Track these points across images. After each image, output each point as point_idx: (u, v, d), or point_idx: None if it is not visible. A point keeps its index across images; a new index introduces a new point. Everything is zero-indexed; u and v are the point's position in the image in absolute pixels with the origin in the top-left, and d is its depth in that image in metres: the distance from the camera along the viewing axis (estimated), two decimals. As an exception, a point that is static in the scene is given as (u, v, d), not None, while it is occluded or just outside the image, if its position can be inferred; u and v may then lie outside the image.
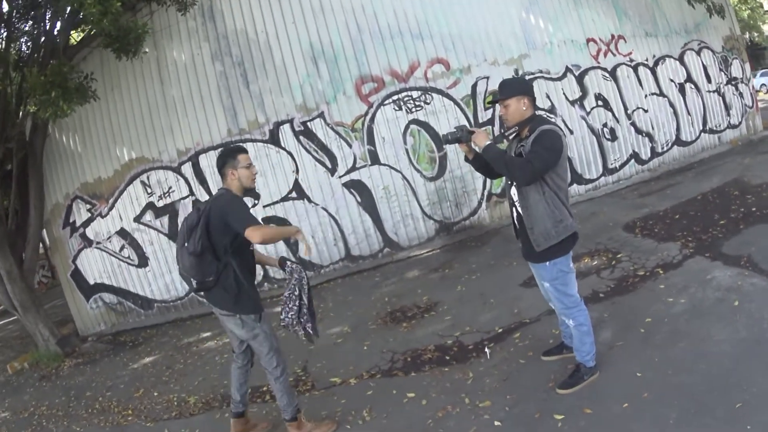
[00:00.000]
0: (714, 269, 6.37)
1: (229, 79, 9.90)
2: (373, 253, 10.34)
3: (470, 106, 10.58)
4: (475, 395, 4.75)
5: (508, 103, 4.20)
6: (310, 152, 10.03)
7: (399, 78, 10.25)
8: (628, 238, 8.34)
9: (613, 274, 6.98)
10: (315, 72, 10.00)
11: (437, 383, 5.14)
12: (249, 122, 9.94)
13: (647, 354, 4.82)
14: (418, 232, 10.53)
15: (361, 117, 10.07)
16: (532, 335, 5.72)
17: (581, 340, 4.50)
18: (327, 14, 10.01)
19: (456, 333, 6.22)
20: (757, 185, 9.71)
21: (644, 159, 12.22)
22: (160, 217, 10.19)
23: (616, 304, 6.07)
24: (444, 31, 10.47)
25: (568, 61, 11.38)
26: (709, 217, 8.39)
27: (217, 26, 9.91)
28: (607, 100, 11.70)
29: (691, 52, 13.12)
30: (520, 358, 5.28)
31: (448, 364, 5.53)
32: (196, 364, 7.23)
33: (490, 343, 5.73)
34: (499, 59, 10.74)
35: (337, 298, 8.82)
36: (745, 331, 4.85)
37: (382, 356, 6.01)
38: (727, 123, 13.69)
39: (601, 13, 11.95)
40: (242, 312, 4.34)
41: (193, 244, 4.15)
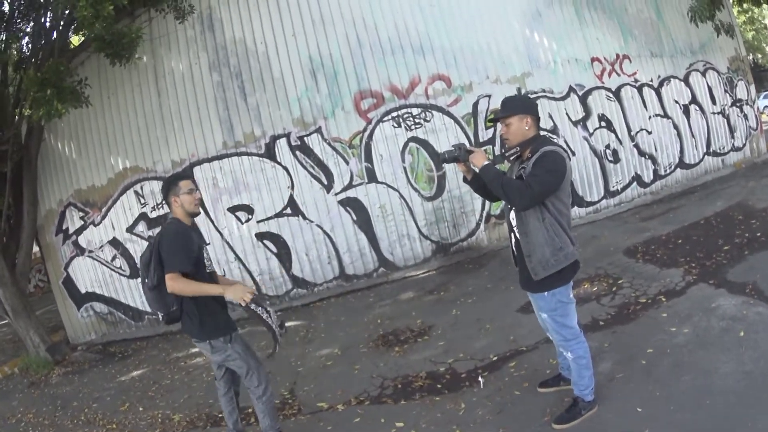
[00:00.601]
0: (718, 297, 6.33)
1: (227, 90, 9.99)
2: (368, 272, 10.38)
3: (471, 125, 10.65)
4: (466, 427, 4.68)
5: (509, 121, 4.10)
6: (306, 168, 10.10)
7: (399, 94, 10.33)
8: (630, 263, 8.31)
9: (613, 300, 6.94)
10: (314, 86, 10.10)
11: (428, 413, 5.07)
12: (245, 135, 10.03)
13: (649, 388, 4.74)
14: (414, 253, 10.59)
15: (359, 133, 10.16)
16: (528, 364, 5.65)
17: (580, 374, 4.40)
18: (327, 26, 10.13)
19: (449, 360, 6.16)
20: (762, 209, 9.73)
21: (647, 182, 12.32)
22: (153, 229, 10.15)
23: (617, 333, 6.01)
24: (446, 46, 10.58)
25: (572, 80, 11.51)
26: (712, 243, 8.36)
27: (215, 36, 10.01)
28: (611, 121, 11.83)
29: (696, 73, 13.28)
30: (515, 388, 5.19)
31: (440, 392, 5.45)
32: (183, 380, 7.24)
33: (484, 372, 5.67)
34: (501, 77, 10.86)
35: (329, 318, 8.82)
36: (751, 364, 4.79)
37: (372, 381, 5.95)
38: (731, 145, 13.82)
39: (607, 33, 12.12)
40: (209, 337, 4.42)
41: (150, 279, 4.25)
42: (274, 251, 10.22)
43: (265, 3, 10.10)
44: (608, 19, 12.22)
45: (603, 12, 12.18)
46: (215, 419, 5.79)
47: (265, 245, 10.22)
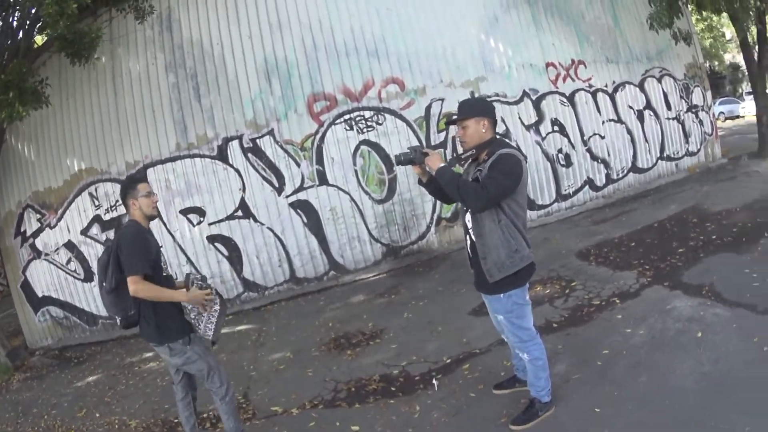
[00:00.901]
0: (674, 299, 6.47)
1: (182, 91, 10.04)
2: (319, 275, 10.48)
3: (423, 129, 10.88)
4: (422, 430, 4.72)
5: (466, 124, 4.12)
6: (258, 170, 10.16)
7: (352, 97, 10.53)
8: (582, 265, 8.47)
9: (567, 303, 7.03)
10: (267, 88, 10.23)
11: (382, 416, 5.08)
12: (198, 137, 10.06)
13: (606, 388, 4.81)
14: (365, 256, 10.73)
15: (311, 136, 10.31)
16: (482, 366, 5.70)
17: (536, 375, 4.44)
18: (284, 29, 10.30)
19: (402, 362, 6.20)
20: (717, 213, 10.05)
21: (599, 185, 12.70)
22: (106, 231, 10.18)
23: (571, 335, 6.08)
24: (401, 49, 10.81)
25: (526, 85, 11.84)
26: (667, 245, 8.60)
27: (173, 36, 10.09)
28: (564, 126, 12.18)
29: (652, 79, 13.71)
30: (469, 390, 5.23)
31: (394, 395, 5.47)
32: (137, 385, 7.20)
33: (437, 374, 5.71)
34: (455, 81, 11.16)
35: (280, 321, 8.87)
36: (709, 365, 4.90)
37: (325, 385, 5.95)
38: (685, 150, 14.27)
39: (563, 39, 12.47)
40: (168, 340, 4.38)
41: (109, 282, 4.26)
42: (225, 254, 10.24)
43: (223, 4, 10.17)
44: (565, 25, 12.56)
45: (560, 18, 12.52)
46: (171, 425, 5.79)
47: (217, 248, 10.24)
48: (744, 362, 4.79)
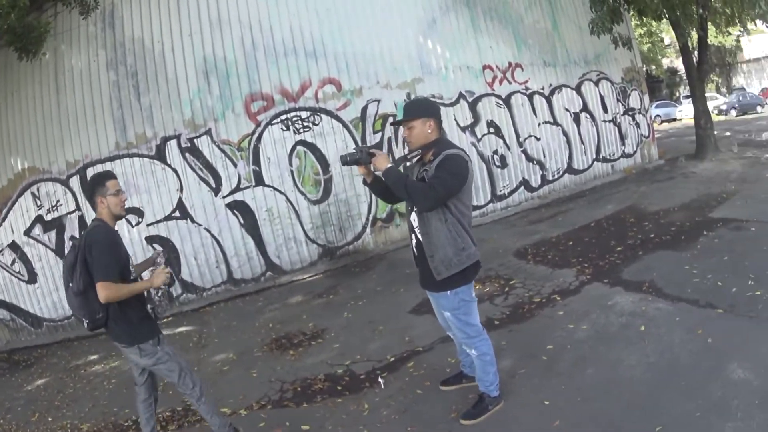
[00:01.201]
0: (615, 295, 6.74)
1: (122, 89, 10.00)
2: (256, 276, 10.58)
3: (359, 129, 11.20)
4: (373, 427, 4.78)
5: (413, 124, 4.21)
6: (195, 170, 10.18)
7: (289, 97, 10.73)
8: (520, 264, 8.74)
9: (507, 301, 7.23)
10: (206, 87, 10.29)
11: (332, 415, 5.13)
12: (137, 136, 10.01)
13: (553, 382, 4.97)
14: (301, 256, 10.90)
15: (248, 136, 10.42)
16: (426, 364, 5.80)
17: (484, 370, 4.57)
18: (224, 27, 10.38)
19: (346, 362, 6.24)
20: (654, 212, 10.54)
21: (534, 186, 13.25)
22: (48, 232, 10.10)
23: (514, 331, 6.23)
24: (339, 50, 11.11)
25: (463, 87, 12.31)
26: (605, 244, 8.95)
27: (115, 33, 10.04)
28: (499, 128, 12.68)
29: (589, 83, 14.34)
30: (416, 388, 5.32)
31: (341, 394, 5.52)
32: (85, 389, 7.12)
33: (383, 373, 5.77)
34: (392, 82, 11.54)
35: (220, 323, 8.84)
36: (655, 356, 5.11)
37: (271, 386, 5.96)
38: (621, 152, 14.94)
39: (501, 42, 12.96)
40: (138, 341, 4.35)
41: (76, 283, 4.15)
42: None
43: (165, 1, 10.19)
44: (503, 28, 13.05)
45: (499, 21, 12.99)
46: (122, 428, 5.77)
47: (155, 249, 9.51)
48: (689, 352, 5.11)
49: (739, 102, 37.77)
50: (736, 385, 4.45)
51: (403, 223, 11.40)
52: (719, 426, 3.99)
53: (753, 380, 4.48)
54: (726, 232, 8.65)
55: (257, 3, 10.65)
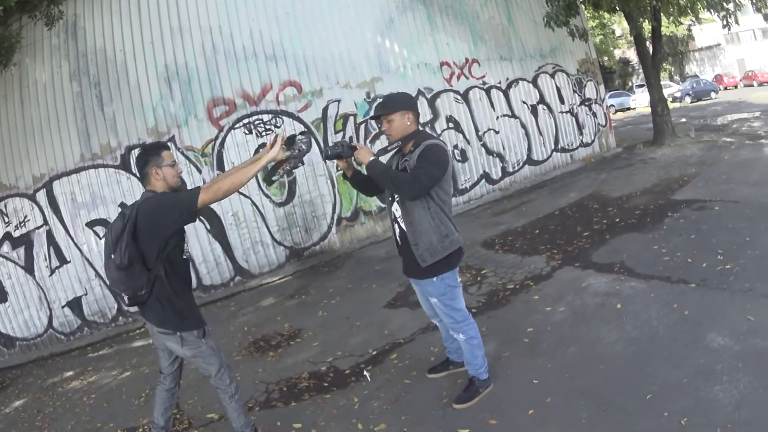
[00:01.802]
0: (587, 277, 7.11)
1: (85, 100, 9.98)
2: (225, 281, 10.68)
3: (320, 130, 11.58)
4: (367, 420, 4.89)
5: (392, 117, 4.43)
6: None
7: (251, 101, 11.00)
8: (489, 254, 9.13)
9: (481, 289, 7.53)
10: (168, 94, 10.40)
11: (322, 411, 5.22)
12: (102, 146, 9.98)
13: (538, 362, 5.24)
14: (269, 259, 11.09)
15: (211, 141, 10.59)
16: (410, 355, 5.99)
17: (473, 353, 4.77)
18: (184, 34, 10.55)
19: (328, 359, 6.36)
20: (617, 198, 11.14)
21: (495, 179, 13.95)
22: (17, 249, 9.92)
23: (492, 318, 6.50)
24: (298, 53, 11.45)
25: (421, 84, 12.89)
26: (571, 230, 9.42)
27: (78, 44, 10.06)
28: (459, 123, 13.33)
29: (545, 75, 15.12)
30: (404, 378, 5.49)
31: (329, 390, 5.62)
32: (65, 406, 6.99)
33: (368, 366, 5.94)
34: (351, 82, 12.03)
35: None
36: (635, 331, 5.43)
37: (256, 387, 6.00)
38: (579, 142, 15.78)
39: (457, 38, 13.62)
40: (182, 329, 4.25)
41: (120, 256, 3.92)
42: None
43: (127, 10, 10.27)
44: (460, 24, 13.70)
45: (455, 18, 13.64)
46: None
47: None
48: (667, 325, 5.45)
49: (693, 89, 40.83)
50: (718, 352, 4.83)
51: (368, 221, 12.05)
52: (707, 389, 4.32)
53: (733, 346, 4.87)
54: (690, 212, 9.21)
55: (217, 8, 10.85)
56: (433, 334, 6.08)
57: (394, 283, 8.49)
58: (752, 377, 4.35)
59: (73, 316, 9.94)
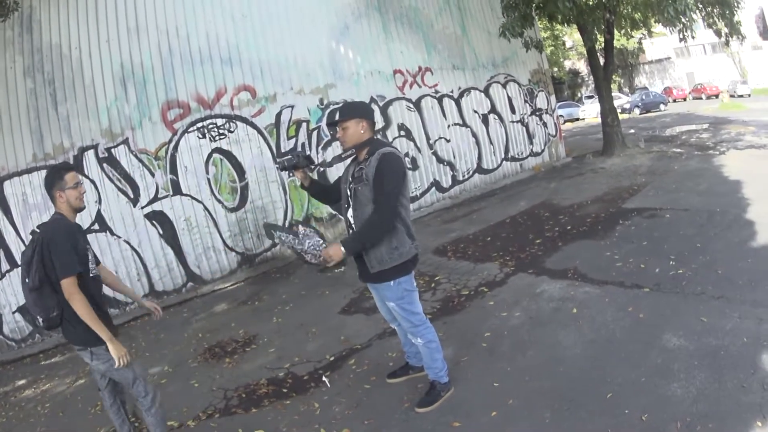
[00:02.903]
0: (542, 283, 7.48)
1: (39, 98, 9.97)
2: (177, 287, 10.91)
3: (273, 136, 12.08)
4: (329, 425, 5.06)
5: (347, 125, 4.60)
6: (113, 181, 10.34)
7: (205, 104, 11.32)
8: (442, 261, 9.55)
9: (435, 295, 7.87)
10: (123, 95, 10.54)
11: (283, 417, 5.37)
12: (54, 147, 9.98)
13: (498, 365, 5.51)
14: (221, 265, 11.41)
15: (165, 144, 10.83)
16: (368, 360, 6.23)
17: (432, 357, 4.99)
18: (141, 34, 10.79)
19: (285, 365, 6.56)
20: (568, 206, 11.80)
21: (445, 187, 14.87)
22: None
23: (448, 323, 6.78)
24: (254, 57, 11.98)
25: (374, 91, 13.72)
26: (523, 238, 9.92)
27: (33, 38, 10.00)
28: (410, 130, 14.18)
29: (497, 85, 16.18)
30: (363, 383, 5.70)
31: (288, 396, 5.79)
32: (18, 416, 6.95)
33: (326, 372, 6.14)
34: (305, 88, 12.66)
35: (148, 336, 8.89)
36: (592, 334, 5.76)
37: (214, 394, 6.14)
38: (529, 151, 16.88)
39: (411, 47, 14.49)
40: (91, 344, 4.40)
41: (32, 279, 4.20)
42: None
43: (84, 5, 10.35)
44: (414, 33, 14.61)
45: (409, 27, 14.55)
46: None
47: None
48: (623, 328, 5.82)
49: (643, 101, 44.23)
50: (674, 352, 5.17)
51: (319, 227, 12.53)
52: (665, 386, 4.64)
53: (688, 346, 5.23)
54: (641, 220, 9.86)
55: (174, 9, 11.18)
56: (390, 339, 6.46)
57: (348, 289, 8.90)
58: (708, 373, 4.73)
59: (24, 322, 9.78)
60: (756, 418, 4.11)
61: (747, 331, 5.38)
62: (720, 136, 20.45)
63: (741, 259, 7.38)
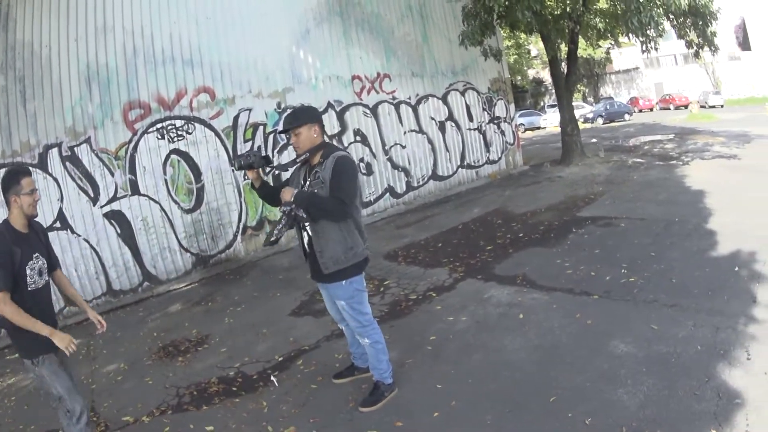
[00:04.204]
0: (490, 289, 7.92)
1: (9, 95, 10.41)
2: (134, 287, 11.48)
3: (230, 138, 12.93)
4: (276, 423, 5.42)
5: (300, 131, 4.96)
6: (75, 179, 10.89)
7: (165, 105, 12.05)
8: (392, 266, 10.10)
9: (384, 299, 8.37)
10: (87, 94, 11.13)
11: (233, 414, 5.75)
12: (22, 144, 10.46)
13: (442, 368, 5.87)
14: (176, 266, 12.09)
15: (125, 144, 11.45)
16: (315, 360, 6.66)
17: (377, 358, 5.40)
18: (108, 33, 11.39)
19: (236, 364, 6.99)
20: (521, 214, 12.59)
21: (399, 193, 16.08)
22: None
23: (395, 327, 7.23)
24: (214, 59, 12.76)
25: (331, 96, 14.93)
26: (474, 244, 10.52)
27: (8, 35, 10.46)
28: (366, 136, 15.36)
29: (456, 93, 17.61)
30: (310, 383, 6.11)
31: (238, 395, 6.21)
32: None
33: (274, 372, 6.57)
34: (263, 91, 13.63)
35: (105, 334, 7.73)
36: (538, 339, 6.11)
37: (167, 392, 6.51)
38: (486, 159, 18.32)
39: (371, 52, 15.72)
40: (21, 355, 4.61)
41: None
42: None
43: (56, 4, 10.89)
44: (374, 39, 15.85)
45: (370, 33, 15.77)
46: None
47: None
48: (570, 334, 6.18)
49: (607, 110, 47.14)
50: (621, 358, 5.47)
51: None
52: (611, 392, 4.92)
53: (637, 353, 5.54)
54: (595, 228, 10.45)
55: (141, 9, 11.86)
56: (338, 341, 6.93)
57: (298, 292, 9.52)
58: (656, 380, 5.01)
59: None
60: (710, 425, 4.39)
61: (702, 339, 5.76)
62: (685, 147, 21.64)
63: (698, 268, 7.88)
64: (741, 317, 6.21)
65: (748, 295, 6.81)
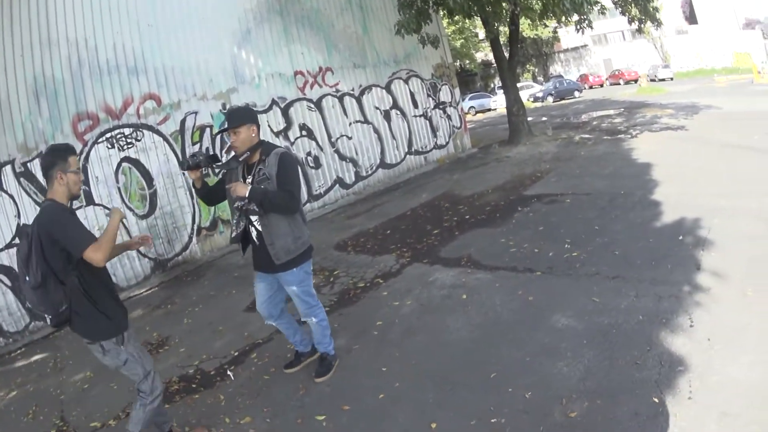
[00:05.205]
0: (435, 272, 8.34)
1: None
2: None
3: (179, 142, 13.50)
4: (233, 414, 5.80)
5: (239, 130, 5.29)
6: (31, 195, 11.09)
7: (113, 114, 12.51)
8: (342, 255, 10.60)
9: (333, 289, 8.84)
10: (36, 109, 11.45)
11: (193, 410, 6.10)
12: None
13: (387, 351, 6.25)
14: (135, 272, 12.46)
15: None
16: (268, 353, 7.08)
17: (323, 334, 6.01)
18: (53, 46, 11.75)
19: (195, 362, 7.36)
20: (468, 196, 13.30)
21: (348, 183, 17.11)
22: None
23: (344, 315, 7.66)
24: (158, 65, 13.39)
25: (275, 93, 15.89)
26: (421, 229, 10.99)
27: None
28: (312, 130, 16.39)
29: (399, 81, 18.77)
30: (263, 374, 6.52)
31: (197, 391, 6.55)
32: None
33: (230, 366, 6.99)
34: (208, 94, 14.29)
35: (71, 345, 9.32)
36: (479, 318, 6.44)
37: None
38: (434, 144, 19.51)
39: (312, 48, 16.76)
40: (101, 337, 4.63)
41: (33, 275, 4.27)
42: (8, 285, 10.79)
43: None
44: (315, 34, 16.92)
45: (310, 28, 16.80)
46: None
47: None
48: (511, 311, 6.55)
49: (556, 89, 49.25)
50: (562, 332, 5.78)
51: (227, 230, 14.04)
52: (551, 365, 5.21)
53: (577, 326, 5.84)
54: (541, 206, 10.99)
55: (84, 20, 12.26)
56: None
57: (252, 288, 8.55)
58: (597, 351, 5.31)
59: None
60: (652, 393, 4.61)
61: (644, 309, 6.08)
62: (634, 120, 22.81)
63: (641, 239, 8.32)
64: (684, 285, 6.62)
65: (692, 262, 7.30)
